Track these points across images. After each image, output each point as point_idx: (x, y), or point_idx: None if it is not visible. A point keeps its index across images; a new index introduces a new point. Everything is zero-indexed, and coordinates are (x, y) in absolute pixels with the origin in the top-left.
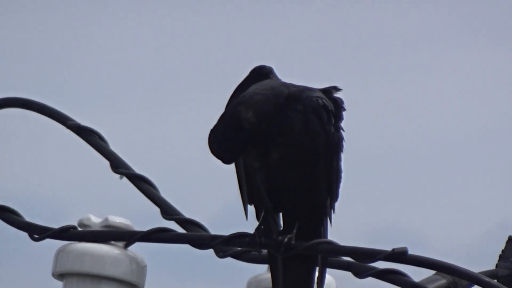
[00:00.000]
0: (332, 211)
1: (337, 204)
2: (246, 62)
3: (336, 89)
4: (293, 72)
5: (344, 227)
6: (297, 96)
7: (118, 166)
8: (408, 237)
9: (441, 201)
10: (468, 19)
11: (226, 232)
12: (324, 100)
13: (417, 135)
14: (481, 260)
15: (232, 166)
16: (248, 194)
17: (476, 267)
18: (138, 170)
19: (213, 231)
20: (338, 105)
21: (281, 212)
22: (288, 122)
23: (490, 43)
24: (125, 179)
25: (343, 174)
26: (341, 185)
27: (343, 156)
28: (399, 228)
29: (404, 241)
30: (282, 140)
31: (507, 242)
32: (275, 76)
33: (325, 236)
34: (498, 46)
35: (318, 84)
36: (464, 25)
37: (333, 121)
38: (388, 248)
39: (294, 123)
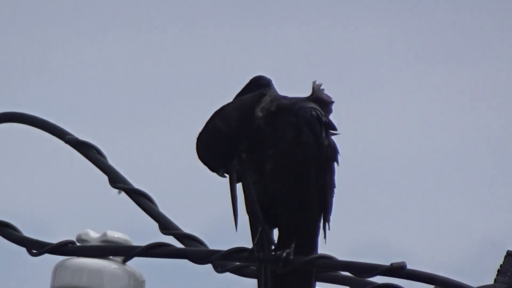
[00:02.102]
0: (327, 224)
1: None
2: (236, 75)
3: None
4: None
5: (332, 243)
6: (289, 108)
7: (116, 181)
8: (395, 253)
9: (428, 218)
10: (444, 37)
11: (224, 247)
12: (317, 111)
13: (405, 152)
14: (472, 275)
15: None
16: (246, 208)
17: (468, 282)
18: (136, 185)
19: (211, 246)
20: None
21: (275, 226)
22: (278, 134)
23: (465, 62)
24: (123, 194)
25: (336, 188)
26: (334, 199)
27: (336, 168)
28: (385, 245)
29: (392, 258)
30: (273, 152)
31: (505, 257)
32: (273, 87)
33: (316, 250)
34: (475, 65)
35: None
36: (440, 44)
37: (326, 133)
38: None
39: (285, 135)
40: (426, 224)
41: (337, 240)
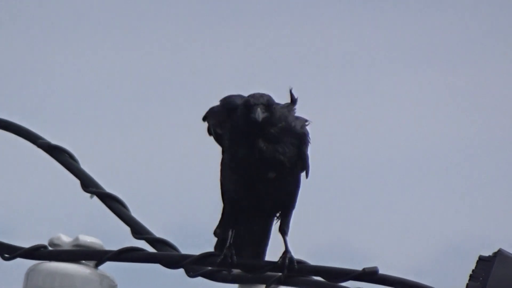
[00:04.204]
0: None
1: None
2: (208, 84)
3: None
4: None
5: (293, 244)
6: (292, 130)
7: (88, 185)
8: (356, 255)
9: (390, 222)
10: (429, 41)
11: (196, 251)
12: (306, 127)
13: (369, 155)
14: (432, 279)
15: (207, 186)
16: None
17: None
18: (108, 189)
19: (183, 250)
20: None
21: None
22: (280, 157)
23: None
24: (95, 198)
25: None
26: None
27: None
28: (345, 247)
29: (352, 260)
30: (274, 174)
31: (477, 262)
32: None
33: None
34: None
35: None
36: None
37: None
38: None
39: (289, 157)
40: (388, 228)
41: (298, 243)
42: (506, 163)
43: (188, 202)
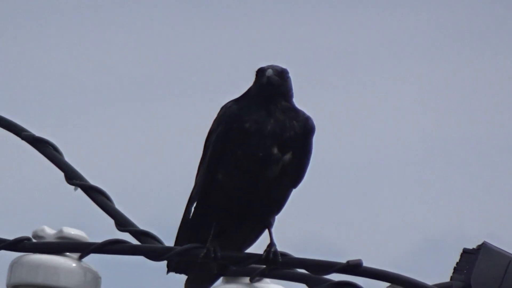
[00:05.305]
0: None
1: None
2: (188, 79)
3: None
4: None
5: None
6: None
7: (72, 177)
8: (333, 249)
9: (370, 216)
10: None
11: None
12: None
13: (348, 151)
14: (411, 273)
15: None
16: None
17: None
18: (92, 181)
19: (167, 243)
20: None
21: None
22: (291, 132)
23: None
24: (79, 190)
25: None
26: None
27: None
28: (321, 241)
29: (329, 254)
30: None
31: (461, 254)
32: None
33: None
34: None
35: None
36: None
37: None
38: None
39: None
40: (368, 222)
41: (279, 236)
42: (488, 157)
43: (172, 194)
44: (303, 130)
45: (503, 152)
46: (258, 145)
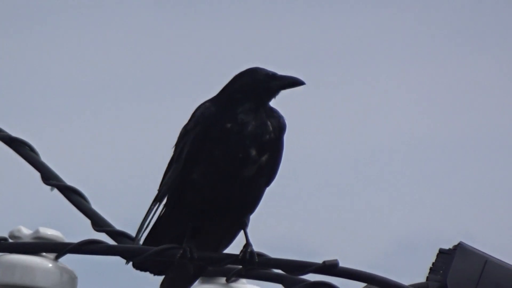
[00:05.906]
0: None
1: None
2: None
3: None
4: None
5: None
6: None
7: (49, 177)
8: (305, 249)
9: (344, 217)
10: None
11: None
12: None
13: (324, 151)
14: (386, 273)
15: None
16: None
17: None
18: (69, 181)
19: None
20: None
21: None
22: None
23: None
24: (56, 190)
25: None
26: None
27: None
28: (296, 241)
29: (302, 253)
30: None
31: (437, 255)
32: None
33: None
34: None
35: None
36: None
37: None
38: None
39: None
40: (343, 223)
41: (255, 236)
42: (464, 158)
43: (149, 195)
44: (278, 129)
45: (478, 153)
46: (238, 145)
